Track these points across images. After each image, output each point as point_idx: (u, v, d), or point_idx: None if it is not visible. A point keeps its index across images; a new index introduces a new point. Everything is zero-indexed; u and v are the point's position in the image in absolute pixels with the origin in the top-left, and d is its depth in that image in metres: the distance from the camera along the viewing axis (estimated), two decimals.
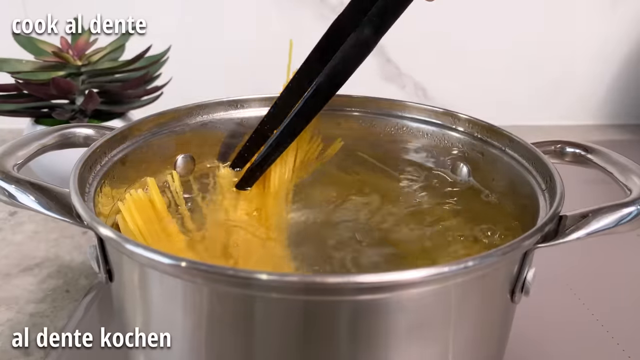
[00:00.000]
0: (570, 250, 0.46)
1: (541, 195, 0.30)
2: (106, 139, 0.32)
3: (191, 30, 0.71)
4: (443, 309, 0.23)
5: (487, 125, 0.36)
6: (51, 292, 0.41)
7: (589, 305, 0.40)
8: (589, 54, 0.78)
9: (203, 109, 0.38)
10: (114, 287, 0.27)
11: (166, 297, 0.24)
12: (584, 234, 0.26)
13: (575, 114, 0.82)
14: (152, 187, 0.32)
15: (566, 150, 0.34)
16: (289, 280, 0.21)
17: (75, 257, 0.45)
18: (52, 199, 0.27)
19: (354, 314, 0.22)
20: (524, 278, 0.26)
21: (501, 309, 0.27)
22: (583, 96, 0.81)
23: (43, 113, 0.52)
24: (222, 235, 0.32)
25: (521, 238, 0.23)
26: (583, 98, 0.81)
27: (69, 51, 0.50)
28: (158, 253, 0.21)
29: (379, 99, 0.40)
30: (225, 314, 0.23)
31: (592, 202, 0.27)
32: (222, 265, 0.21)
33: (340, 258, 0.30)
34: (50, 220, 0.50)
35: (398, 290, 0.22)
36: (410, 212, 0.35)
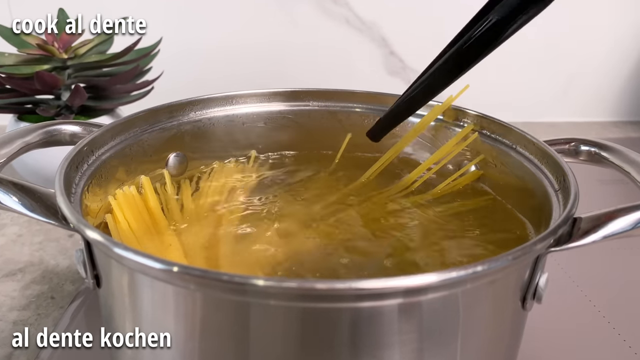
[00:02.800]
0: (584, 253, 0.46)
1: (554, 196, 0.30)
2: (93, 136, 0.32)
3: (184, 21, 0.71)
4: (450, 317, 0.23)
5: (496, 121, 0.36)
6: (35, 298, 0.41)
7: (604, 313, 0.40)
8: (605, 47, 0.78)
9: (196, 104, 0.38)
10: (102, 293, 0.27)
11: (157, 304, 0.24)
12: (599, 237, 0.26)
13: (590, 110, 0.82)
14: (146, 185, 0.32)
15: (580, 149, 0.34)
16: (286, 286, 0.21)
17: (61, 261, 0.45)
18: (37, 200, 0.27)
19: (356, 322, 0.22)
20: (536, 284, 0.26)
21: (512, 317, 0.27)
22: (598, 91, 0.81)
23: (26, 109, 0.52)
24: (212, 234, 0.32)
25: (533, 241, 0.23)
26: (598, 93, 0.81)
27: (54, 44, 0.50)
28: (149, 257, 0.21)
29: (383, 94, 0.40)
30: (219, 321, 0.23)
31: (608, 203, 0.27)
32: (216, 271, 0.21)
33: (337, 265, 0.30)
34: (34, 223, 0.50)
35: (402, 297, 0.22)
36: (413, 216, 0.35)
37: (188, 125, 0.38)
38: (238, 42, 0.72)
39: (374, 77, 0.75)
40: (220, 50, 0.72)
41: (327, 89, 0.41)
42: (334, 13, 0.70)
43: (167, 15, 0.69)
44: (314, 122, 0.41)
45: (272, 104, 0.40)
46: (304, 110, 0.41)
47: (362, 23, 0.72)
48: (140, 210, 0.31)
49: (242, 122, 0.40)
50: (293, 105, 0.41)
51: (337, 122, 0.41)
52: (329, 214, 0.34)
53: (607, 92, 0.81)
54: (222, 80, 0.71)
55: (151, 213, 0.32)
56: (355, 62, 0.75)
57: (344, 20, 0.71)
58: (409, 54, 0.74)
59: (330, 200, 0.36)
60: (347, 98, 0.41)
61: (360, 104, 0.41)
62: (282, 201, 0.36)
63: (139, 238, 0.30)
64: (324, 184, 0.38)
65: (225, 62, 0.72)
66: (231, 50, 0.72)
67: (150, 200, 0.31)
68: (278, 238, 0.32)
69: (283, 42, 0.72)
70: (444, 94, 0.33)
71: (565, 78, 0.79)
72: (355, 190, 0.37)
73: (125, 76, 0.53)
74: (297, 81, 0.72)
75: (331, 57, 0.74)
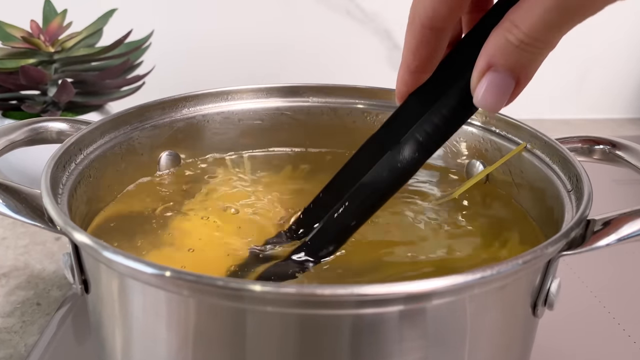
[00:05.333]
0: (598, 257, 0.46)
1: (566, 197, 0.30)
2: (81, 134, 0.32)
3: (177, 12, 0.71)
4: (457, 324, 0.23)
5: (506, 119, 0.36)
6: (20, 305, 0.41)
7: (619, 320, 0.40)
8: (621, 40, 0.78)
9: (190, 100, 0.38)
10: (91, 299, 0.27)
11: (149, 311, 0.24)
12: (614, 241, 0.26)
13: (604, 107, 0.82)
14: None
15: (594, 147, 0.34)
16: (285, 292, 0.21)
17: (47, 266, 0.45)
18: (21, 201, 0.27)
19: (357, 329, 0.22)
20: (547, 289, 0.26)
21: (522, 324, 0.27)
22: (613, 86, 0.81)
23: (11, 105, 0.52)
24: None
25: (544, 245, 0.23)
26: (613, 88, 0.81)
27: (40, 36, 0.50)
28: (140, 262, 0.22)
29: (386, 89, 0.40)
30: (214, 329, 0.23)
31: (623, 204, 0.27)
32: (210, 276, 0.21)
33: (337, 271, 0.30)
34: (19, 225, 0.50)
35: (406, 304, 0.22)
36: (419, 219, 0.35)
37: (181, 122, 0.38)
38: (234, 35, 0.72)
39: (376, 72, 0.75)
40: (215, 44, 0.72)
41: (328, 84, 0.41)
42: (334, 4, 0.70)
43: (159, 6, 0.69)
44: (313, 119, 0.41)
45: (270, 100, 0.40)
46: (303, 107, 0.41)
47: (364, 14, 0.72)
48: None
49: (238, 119, 0.40)
50: (291, 101, 0.41)
51: (338, 120, 0.41)
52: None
53: (623, 88, 0.81)
54: (217, 75, 0.71)
55: None
56: (357, 56, 0.75)
57: (345, 11, 0.71)
58: None
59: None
60: (349, 94, 0.41)
61: (363, 100, 0.41)
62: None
63: None
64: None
65: (220, 56, 0.72)
66: (226, 44, 0.72)
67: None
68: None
69: (281, 35, 0.72)
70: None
71: (579, 72, 0.79)
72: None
73: (114, 71, 0.53)
74: (296, 76, 0.72)
75: (331, 51, 0.74)
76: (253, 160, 0.41)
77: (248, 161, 0.40)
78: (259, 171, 0.39)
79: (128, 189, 0.36)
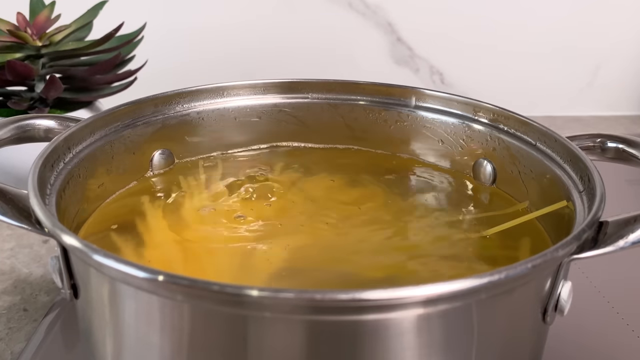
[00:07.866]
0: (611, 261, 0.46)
1: (578, 197, 0.30)
2: (70, 132, 0.32)
3: (170, 5, 0.71)
4: (463, 330, 0.23)
5: (515, 116, 0.36)
6: (6, 311, 0.41)
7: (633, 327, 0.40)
8: (634, 34, 0.78)
9: (184, 97, 0.38)
10: (80, 304, 0.27)
11: (141, 316, 0.24)
12: (628, 244, 0.26)
13: (617, 103, 0.82)
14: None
15: (607, 145, 0.34)
16: (284, 297, 0.21)
17: (34, 270, 0.45)
18: (7, 202, 0.27)
19: (360, 335, 0.22)
20: (558, 294, 0.26)
21: (531, 331, 0.27)
22: (627, 82, 0.81)
23: None
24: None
25: (555, 248, 0.23)
26: (627, 84, 0.81)
27: (27, 29, 0.50)
28: (131, 265, 0.22)
29: (389, 85, 0.40)
30: (210, 336, 0.23)
31: (637, 205, 0.27)
32: (206, 280, 0.21)
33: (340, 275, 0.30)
34: (4, 227, 0.50)
35: (411, 309, 0.22)
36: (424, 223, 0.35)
37: (174, 119, 0.38)
38: (230, 29, 0.72)
39: (379, 67, 0.75)
40: (210, 38, 0.72)
41: (328, 80, 0.41)
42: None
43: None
44: (313, 116, 0.41)
45: (267, 96, 0.40)
46: (303, 103, 0.41)
47: (366, 7, 0.72)
48: None
49: (234, 116, 0.40)
50: (290, 97, 0.41)
51: (338, 117, 0.41)
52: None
53: (637, 83, 0.81)
54: (212, 70, 0.71)
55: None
56: (358, 50, 0.75)
57: (346, 3, 0.71)
58: (417, 41, 0.74)
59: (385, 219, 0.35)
60: (350, 90, 0.41)
61: (365, 96, 0.41)
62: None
63: None
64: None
65: (216, 51, 0.72)
66: (222, 38, 0.72)
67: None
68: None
69: (279, 28, 0.72)
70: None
71: (591, 67, 0.79)
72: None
73: (105, 65, 0.53)
74: (295, 71, 0.72)
75: (332, 45, 0.74)
76: (249, 159, 0.41)
77: (244, 160, 0.40)
78: (256, 170, 0.39)
79: (119, 190, 0.36)
